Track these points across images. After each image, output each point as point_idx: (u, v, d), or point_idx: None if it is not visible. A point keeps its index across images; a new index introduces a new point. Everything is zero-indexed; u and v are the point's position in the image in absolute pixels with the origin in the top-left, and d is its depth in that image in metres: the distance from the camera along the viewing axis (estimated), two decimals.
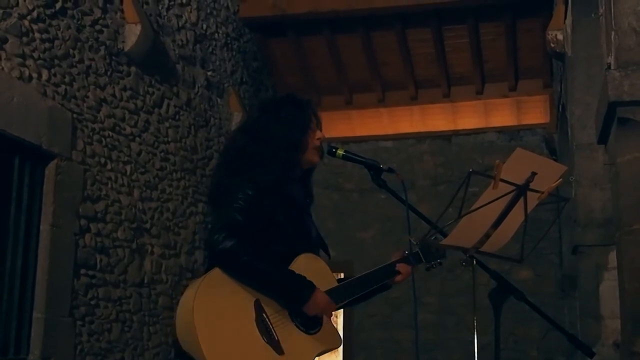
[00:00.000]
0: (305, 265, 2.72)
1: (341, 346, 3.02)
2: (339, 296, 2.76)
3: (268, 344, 2.55)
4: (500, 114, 9.72)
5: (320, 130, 2.92)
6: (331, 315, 2.70)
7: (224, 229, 2.59)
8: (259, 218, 2.66)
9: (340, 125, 9.80)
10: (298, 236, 2.79)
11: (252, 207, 2.65)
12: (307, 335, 2.66)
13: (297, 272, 2.67)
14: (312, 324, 2.68)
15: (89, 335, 5.65)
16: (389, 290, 3.03)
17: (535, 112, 9.61)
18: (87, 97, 5.78)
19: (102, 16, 5.98)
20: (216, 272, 2.59)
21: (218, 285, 2.56)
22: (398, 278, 2.96)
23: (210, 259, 2.69)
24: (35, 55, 5.21)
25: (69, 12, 5.58)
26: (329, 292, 2.71)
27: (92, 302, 5.71)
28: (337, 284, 2.83)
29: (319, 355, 2.70)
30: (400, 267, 2.96)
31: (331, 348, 2.72)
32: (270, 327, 2.57)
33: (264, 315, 2.57)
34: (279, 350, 2.55)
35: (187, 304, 2.51)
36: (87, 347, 5.62)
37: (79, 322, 5.55)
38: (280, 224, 2.74)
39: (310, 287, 2.64)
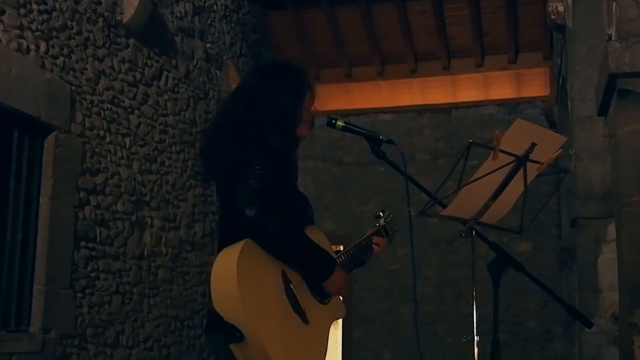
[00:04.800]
0: (314, 237, 2.68)
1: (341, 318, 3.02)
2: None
3: (297, 314, 2.56)
4: (500, 86, 9.69)
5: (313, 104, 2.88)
6: (346, 292, 2.70)
7: (248, 198, 2.50)
8: (279, 186, 2.61)
9: (340, 98, 9.76)
10: (303, 205, 2.79)
11: (272, 176, 2.58)
12: (323, 305, 2.68)
13: None
14: (324, 294, 2.69)
15: (89, 307, 5.68)
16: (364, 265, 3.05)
17: (535, 85, 9.57)
18: (86, 69, 5.75)
19: None
20: (249, 242, 2.51)
21: (252, 256, 2.50)
22: (375, 249, 2.99)
23: (238, 229, 2.56)
24: (33, 26, 5.17)
25: None
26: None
27: (92, 275, 5.73)
28: (335, 256, 2.80)
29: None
30: (376, 239, 3.00)
31: (338, 318, 2.75)
32: (297, 297, 2.58)
33: (290, 286, 2.57)
34: (305, 319, 2.58)
35: (229, 276, 2.42)
36: (87, 318, 5.65)
37: (79, 294, 5.57)
38: (292, 193, 2.72)
39: (333, 263, 2.63)
